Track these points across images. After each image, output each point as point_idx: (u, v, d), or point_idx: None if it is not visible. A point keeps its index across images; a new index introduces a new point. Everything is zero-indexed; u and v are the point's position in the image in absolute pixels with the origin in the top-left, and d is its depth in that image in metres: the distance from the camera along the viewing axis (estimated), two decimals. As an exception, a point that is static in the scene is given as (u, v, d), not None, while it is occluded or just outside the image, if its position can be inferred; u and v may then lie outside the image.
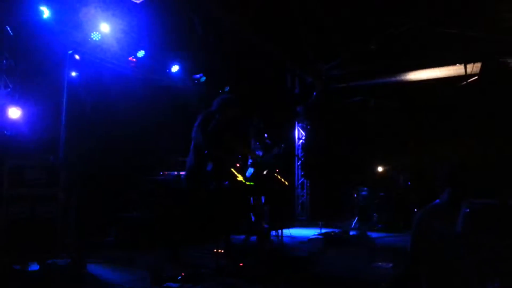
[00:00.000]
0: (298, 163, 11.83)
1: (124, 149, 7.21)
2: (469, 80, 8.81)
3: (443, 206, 2.61)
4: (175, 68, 8.74)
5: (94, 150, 6.57)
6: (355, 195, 9.67)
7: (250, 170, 6.33)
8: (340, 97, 12.33)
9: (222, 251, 4.72)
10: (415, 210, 9.03)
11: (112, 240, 5.83)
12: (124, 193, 6.65)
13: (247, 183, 4.59)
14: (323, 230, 7.85)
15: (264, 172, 4.78)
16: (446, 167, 2.66)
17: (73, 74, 6.48)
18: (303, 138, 11.87)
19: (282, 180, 4.86)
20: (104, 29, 6.87)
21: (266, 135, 7.46)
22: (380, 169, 10.44)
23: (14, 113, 4.63)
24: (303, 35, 9.96)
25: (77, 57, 6.40)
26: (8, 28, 5.39)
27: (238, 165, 4.89)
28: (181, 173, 6.43)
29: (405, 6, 8.51)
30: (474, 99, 8.45)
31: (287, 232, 4.92)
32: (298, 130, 12.03)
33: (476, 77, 8.51)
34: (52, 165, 4.18)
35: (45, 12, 6.02)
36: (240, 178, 4.49)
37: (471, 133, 10.87)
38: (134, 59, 8.36)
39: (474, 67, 8.71)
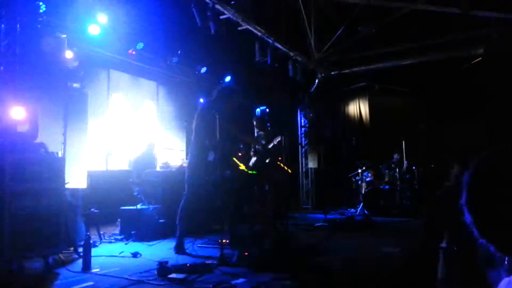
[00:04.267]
0: (302, 151, 11.78)
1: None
2: (472, 62, 8.69)
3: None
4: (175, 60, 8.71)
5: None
6: (360, 181, 9.63)
7: (253, 159, 6.31)
8: (344, 83, 12.22)
9: (227, 241, 4.71)
10: (421, 193, 8.99)
11: (117, 233, 5.85)
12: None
13: (249, 172, 4.55)
14: (329, 217, 7.84)
15: (267, 161, 4.73)
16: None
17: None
18: (306, 125, 11.79)
19: (285, 168, 4.82)
20: (102, 21, 6.82)
21: (268, 123, 7.41)
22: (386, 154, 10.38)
23: (19, 112, 4.43)
24: (304, 22, 9.84)
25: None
26: (2, 25, 5.33)
27: (240, 154, 4.86)
28: (184, 164, 6.42)
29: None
30: (479, 81, 8.33)
31: (292, 220, 4.91)
32: (301, 118, 11.95)
33: (480, 58, 8.39)
34: (52, 159, 4.16)
35: (42, 7, 5.98)
36: (242, 167, 4.46)
37: (479, 115, 10.73)
38: (134, 52, 8.32)
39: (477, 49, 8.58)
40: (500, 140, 9.97)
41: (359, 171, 9.65)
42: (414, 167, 8.97)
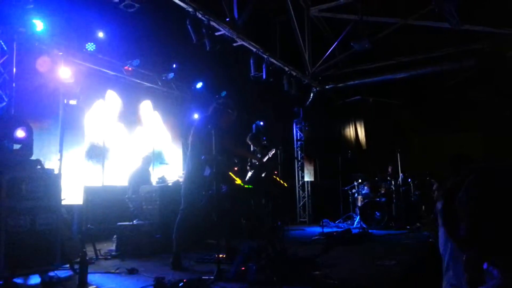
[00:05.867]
0: (298, 165, 11.82)
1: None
2: (465, 75, 8.82)
3: None
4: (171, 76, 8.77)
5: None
6: (356, 194, 9.65)
7: (249, 173, 6.33)
8: (339, 96, 12.32)
9: (223, 256, 4.70)
10: (418, 206, 9.01)
11: (113, 249, 5.82)
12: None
13: (245, 186, 4.57)
14: (325, 230, 7.83)
15: (263, 175, 4.75)
16: (449, 159, 2.84)
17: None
18: (302, 139, 11.85)
19: (281, 182, 4.84)
20: (98, 38, 6.90)
21: (264, 138, 7.46)
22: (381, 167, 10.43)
23: (20, 134, 4.46)
24: (299, 37, 9.97)
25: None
26: (2, 42, 5.39)
27: (236, 168, 4.88)
28: (180, 179, 6.42)
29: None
30: (471, 93, 8.44)
31: (288, 234, 4.91)
32: (297, 131, 12.02)
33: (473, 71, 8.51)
34: (48, 176, 4.17)
35: (39, 25, 6.04)
36: (238, 181, 4.48)
37: (474, 127, 10.81)
38: (130, 68, 8.39)
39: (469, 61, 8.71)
40: (493, 151, 10.05)
41: (355, 184, 9.68)
42: (409, 180, 9.00)
